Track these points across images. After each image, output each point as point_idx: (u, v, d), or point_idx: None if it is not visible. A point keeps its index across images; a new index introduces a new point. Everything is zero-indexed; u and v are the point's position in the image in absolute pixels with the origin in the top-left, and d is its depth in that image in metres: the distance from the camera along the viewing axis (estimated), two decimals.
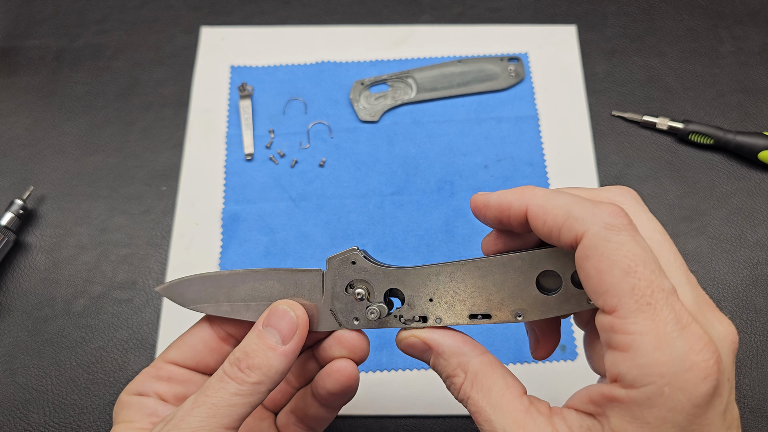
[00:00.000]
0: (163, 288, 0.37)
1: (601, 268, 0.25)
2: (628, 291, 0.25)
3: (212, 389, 0.31)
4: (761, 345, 0.50)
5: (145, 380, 0.36)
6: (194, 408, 0.31)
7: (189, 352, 0.37)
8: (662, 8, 0.64)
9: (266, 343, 0.33)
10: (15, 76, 0.62)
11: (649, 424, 0.24)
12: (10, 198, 0.56)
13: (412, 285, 0.33)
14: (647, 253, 0.25)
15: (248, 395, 0.31)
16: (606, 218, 0.26)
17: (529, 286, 0.31)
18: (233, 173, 0.57)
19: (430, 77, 0.60)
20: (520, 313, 0.31)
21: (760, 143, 0.55)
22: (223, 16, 0.64)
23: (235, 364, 0.32)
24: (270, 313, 0.34)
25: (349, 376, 0.35)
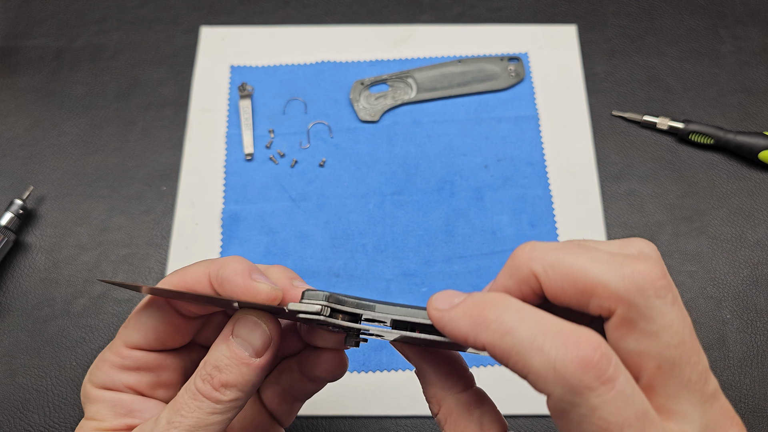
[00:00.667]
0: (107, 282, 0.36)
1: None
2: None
3: (187, 408, 0.30)
4: (762, 345, 0.50)
5: (111, 371, 0.33)
6: (170, 429, 0.29)
7: (151, 333, 0.34)
8: (662, 8, 0.64)
9: (239, 357, 0.31)
10: (15, 76, 0.62)
11: None
12: (9, 198, 0.56)
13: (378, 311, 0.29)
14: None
15: (225, 412, 0.30)
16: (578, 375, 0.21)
17: None
18: (233, 173, 0.57)
19: (430, 77, 0.60)
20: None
21: (761, 143, 0.55)
22: (223, 15, 0.64)
23: (208, 382, 0.30)
24: (238, 322, 0.31)
25: (338, 365, 0.35)
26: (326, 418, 0.48)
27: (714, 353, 0.50)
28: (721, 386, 0.49)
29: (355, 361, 0.49)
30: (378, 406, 0.48)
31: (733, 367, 0.49)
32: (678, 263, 0.53)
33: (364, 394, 0.49)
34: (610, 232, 0.54)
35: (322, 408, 0.48)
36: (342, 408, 0.48)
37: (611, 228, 0.54)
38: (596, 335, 0.22)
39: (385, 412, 0.48)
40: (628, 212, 0.55)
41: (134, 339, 0.33)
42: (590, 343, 0.21)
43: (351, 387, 0.49)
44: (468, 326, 0.24)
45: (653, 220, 0.55)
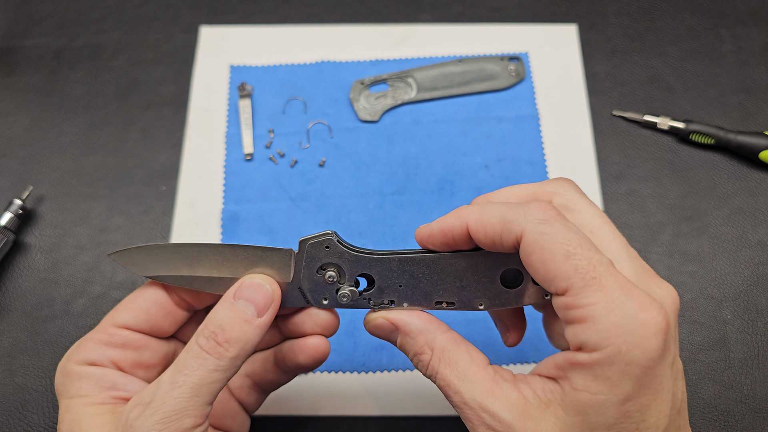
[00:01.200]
0: (116, 254, 0.36)
1: (544, 259, 0.28)
2: (572, 271, 0.27)
3: (190, 367, 0.31)
4: (763, 346, 0.50)
5: (96, 347, 0.34)
6: (174, 388, 0.30)
7: (142, 315, 0.35)
8: (663, 8, 0.64)
9: (241, 316, 0.33)
10: (14, 75, 0.62)
11: (609, 380, 0.27)
12: (9, 198, 0.56)
13: (382, 271, 0.34)
14: (580, 236, 0.28)
15: (226, 370, 0.32)
16: (537, 215, 0.29)
17: (493, 281, 0.33)
18: (233, 173, 0.56)
19: (431, 77, 0.60)
20: (482, 303, 0.34)
21: (762, 143, 0.55)
22: (222, 15, 0.64)
23: (211, 338, 0.32)
24: (243, 285, 0.34)
25: (322, 352, 0.37)
26: (327, 418, 0.48)
27: (715, 353, 0.50)
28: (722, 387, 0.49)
29: (356, 362, 0.49)
30: (378, 406, 0.48)
31: (734, 368, 0.49)
32: (679, 263, 0.53)
33: (364, 394, 0.48)
34: None
35: (322, 408, 0.48)
36: (342, 408, 0.48)
37: None
38: None
39: (385, 412, 0.48)
40: (628, 212, 0.55)
41: (123, 318, 0.35)
42: (544, 203, 0.30)
43: (351, 387, 0.49)
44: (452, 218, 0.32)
45: (654, 220, 0.55)
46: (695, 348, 0.50)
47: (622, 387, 0.27)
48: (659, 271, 0.53)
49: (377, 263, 0.34)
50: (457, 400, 0.31)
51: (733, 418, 0.48)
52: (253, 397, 0.40)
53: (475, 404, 0.30)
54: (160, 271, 0.35)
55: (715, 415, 0.48)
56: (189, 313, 0.38)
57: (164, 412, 0.30)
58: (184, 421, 0.30)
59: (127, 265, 0.36)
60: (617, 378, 0.27)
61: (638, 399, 0.27)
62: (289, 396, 0.48)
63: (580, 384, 0.28)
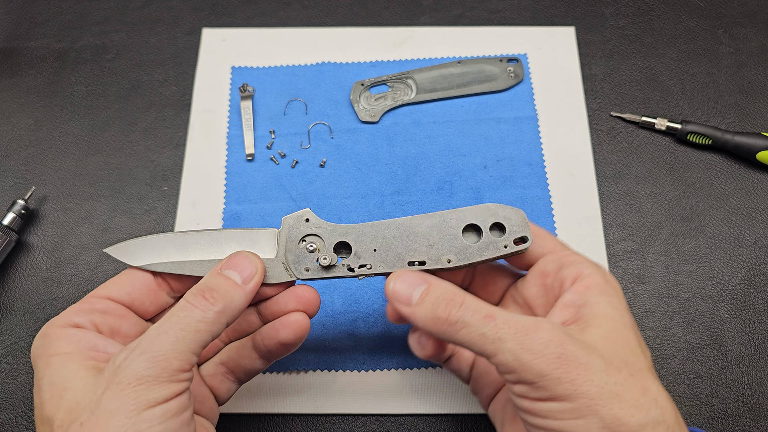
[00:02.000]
0: (112, 249, 0.38)
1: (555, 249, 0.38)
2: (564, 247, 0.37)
3: (176, 317, 0.32)
4: (759, 344, 0.50)
5: (77, 313, 0.35)
6: (161, 334, 0.31)
7: (126, 288, 0.37)
8: (660, 9, 0.65)
9: (230, 281, 0.34)
10: (17, 76, 0.62)
11: (611, 292, 0.34)
12: (12, 198, 0.56)
13: (358, 238, 0.37)
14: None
15: (211, 324, 0.33)
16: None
17: (456, 237, 0.37)
18: (234, 173, 0.57)
19: (430, 78, 0.60)
20: (449, 259, 0.37)
21: (759, 143, 0.55)
22: (224, 17, 0.65)
23: (199, 294, 0.33)
24: (230, 258, 0.36)
25: (304, 327, 0.38)
26: (327, 416, 0.49)
27: (711, 352, 0.50)
28: (719, 385, 0.50)
29: (356, 360, 0.50)
30: (378, 404, 0.48)
31: (730, 366, 0.50)
32: (676, 263, 0.53)
33: (365, 393, 0.49)
34: (608, 232, 0.55)
35: (323, 407, 0.48)
36: (343, 406, 0.49)
37: (609, 228, 0.55)
38: None
39: (385, 410, 0.48)
40: (626, 212, 0.55)
41: (106, 291, 0.36)
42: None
43: (351, 385, 0.49)
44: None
45: (651, 220, 0.55)
46: (692, 347, 0.50)
47: (620, 298, 0.35)
48: (657, 271, 0.53)
49: (352, 230, 0.38)
50: (504, 318, 0.31)
51: (730, 417, 0.48)
52: (225, 386, 0.40)
53: (527, 318, 0.32)
54: (153, 259, 0.37)
55: (712, 413, 0.48)
56: (171, 299, 0.39)
57: (152, 352, 0.30)
58: (171, 363, 0.30)
59: (122, 257, 0.38)
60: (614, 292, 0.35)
61: (630, 311, 0.35)
62: (290, 393, 0.49)
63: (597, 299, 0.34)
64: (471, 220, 0.37)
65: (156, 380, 0.30)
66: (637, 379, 0.30)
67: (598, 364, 0.30)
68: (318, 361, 0.50)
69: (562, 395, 0.29)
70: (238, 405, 0.48)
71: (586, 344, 0.31)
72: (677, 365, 0.50)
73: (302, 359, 0.49)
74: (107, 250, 0.38)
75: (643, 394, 0.30)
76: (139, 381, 0.30)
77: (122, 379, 0.30)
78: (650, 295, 0.52)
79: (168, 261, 0.37)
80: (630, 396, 0.29)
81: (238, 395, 0.48)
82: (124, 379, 0.30)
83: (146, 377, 0.30)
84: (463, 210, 0.38)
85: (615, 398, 0.29)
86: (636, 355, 0.32)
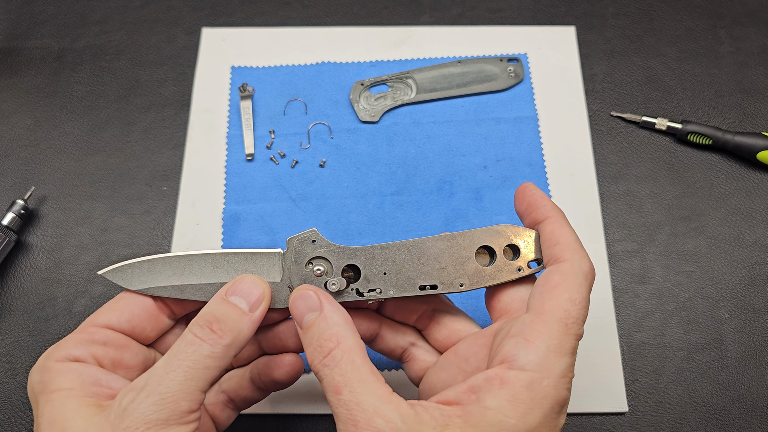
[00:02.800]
0: (106, 272, 0.36)
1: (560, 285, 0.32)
2: (561, 309, 0.31)
3: (184, 353, 0.31)
4: (759, 345, 0.50)
5: (77, 344, 0.33)
6: (169, 372, 0.30)
7: (125, 315, 0.35)
8: (661, 9, 0.64)
9: (236, 309, 0.33)
10: (16, 76, 0.62)
11: (524, 405, 0.29)
12: (11, 198, 0.56)
13: (367, 261, 0.36)
14: (587, 304, 0.33)
15: (220, 358, 0.31)
16: (586, 267, 0.33)
17: (469, 260, 0.36)
18: (234, 173, 0.57)
19: (430, 78, 0.60)
20: (462, 283, 0.36)
21: (759, 143, 0.55)
22: (223, 17, 0.64)
23: (206, 327, 0.32)
24: (235, 284, 0.34)
25: (298, 369, 0.38)
26: (327, 416, 0.49)
27: (711, 353, 0.50)
28: (719, 386, 0.50)
29: None
30: None
31: (730, 367, 0.50)
32: (676, 263, 0.53)
33: None
34: (608, 232, 0.54)
35: (323, 407, 0.48)
36: None
37: (609, 228, 0.55)
38: None
39: None
40: (626, 212, 0.55)
41: (105, 318, 0.35)
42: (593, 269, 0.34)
43: None
44: (547, 208, 0.36)
45: (651, 220, 0.55)
46: (692, 347, 0.50)
47: (531, 417, 0.29)
48: (657, 272, 0.53)
49: (361, 253, 0.36)
50: (348, 399, 0.30)
51: (730, 417, 0.48)
52: (226, 414, 0.40)
53: (370, 406, 0.29)
54: (151, 283, 0.36)
55: (712, 414, 0.48)
56: (171, 322, 0.38)
57: (160, 394, 0.29)
58: (180, 404, 0.29)
59: (119, 280, 0.36)
60: (530, 405, 0.29)
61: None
62: (290, 394, 0.49)
63: (494, 404, 0.29)
64: (484, 242, 0.36)
65: (165, 423, 0.29)
66: None
67: None
68: None
69: None
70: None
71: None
72: (677, 366, 0.50)
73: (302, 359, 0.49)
74: (103, 273, 0.36)
75: None
76: (147, 425, 0.29)
77: (130, 423, 0.28)
78: (650, 296, 0.52)
79: (167, 285, 0.36)
80: None
81: None
82: (132, 424, 0.28)
83: (155, 420, 0.29)
84: (476, 231, 0.36)
85: None
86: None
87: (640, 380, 0.49)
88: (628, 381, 0.49)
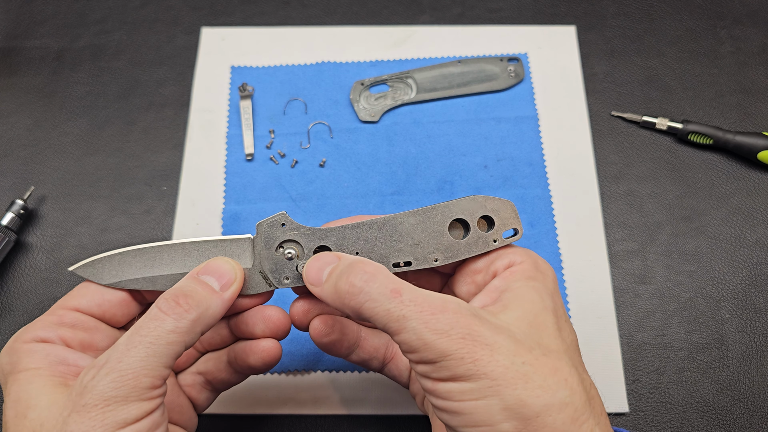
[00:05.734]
0: (77, 267, 0.35)
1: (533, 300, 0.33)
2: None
3: (147, 328, 0.30)
4: (760, 345, 0.50)
5: (45, 327, 0.33)
6: (130, 348, 0.29)
7: (96, 299, 0.35)
8: (661, 9, 0.64)
9: (206, 287, 0.33)
10: (16, 76, 0.62)
11: (538, 278, 0.33)
12: (11, 198, 0.56)
13: (339, 241, 0.35)
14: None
15: (185, 333, 0.31)
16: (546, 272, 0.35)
17: (443, 234, 0.35)
18: (234, 173, 0.57)
19: (430, 77, 0.60)
20: (436, 258, 0.35)
21: (760, 143, 0.55)
22: (223, 16, 0.64)
23: (172, 300, 0.31)
24: (208, 264, 0.34)
25: (274, 355, 0.37)
26: (327, 416, 0.48)
27: (713, 353, 0.50)
28: (720, 386, 0.50)
29: None
30: (379, 406, 0.48)
31: (732, 367, 0.49)
32: (677, 263, 0.53)
33: (366, 394, 0.49)
34: (609, 232, 0.54)
35: (323, 407, 0.48)
36: (343, 407, 0.48)
37: (610, 228, 0.55)
38: None
39: (386, 411, 0.48)
40: (627, 212, 0.55)
41: (75, 302, 0.34)
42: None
43: (352, 387, 0.49)
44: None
45: (652, 220, 0.55)
46: (693, 347, 0.50)
47: (547, 283, 0.34)
48: (658, 271, 0.53)
49: (332, 234, 0.35)
50: (411, 295, 0.30)
51: (731, 417, 0.48)
52: (204, 396, 0.40)
53: (435, 296, 0.30)
54: (123, 276, 0.35)
55: (714, 414, 0.48)
56: (142, 306, 0.37)
57: (120, 371, 0.29)
58: (141, 381, 0.29)
59: (90, 276, 0.35)
60: (542, 277, 0.34)
61: (557, 296, 0.34)
62: (290, 394, 0.49)
63: (518, 284, 0.33)
64: (457, 215, 0.35)
65: (124, 400, 0.28)
66: (549, 359, 0.29)
67: (506, 344, 0.29)
68: (319, 362, 0.49)
69: (463, 375, 0.28)
70: (237, 406, 0.48)
71: (496, 325, 0.30)
72: (678, 366, 0.50)
73: (303, 360, 0.49)
74: (73, 269, 0.35)
75: (553, 374, 0.29)
76: (106, 402, 0.28)
77: (89, 400, 0.28)
78: (651, 296, 0.52)
79: (139, 277, 0.35)
80: (538, 377, 0.28)
81: (236, 396, 0.48)
82: (90, 401, 0.28)
83: (114, 398, 0.28)
84: (449, 204, 0.35)
85: (520, 379, 0.28)
86: (552, 337, 0.31)
87: (641, 380, 0.49)
88: (629, 381, 0.49)
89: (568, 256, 0.53)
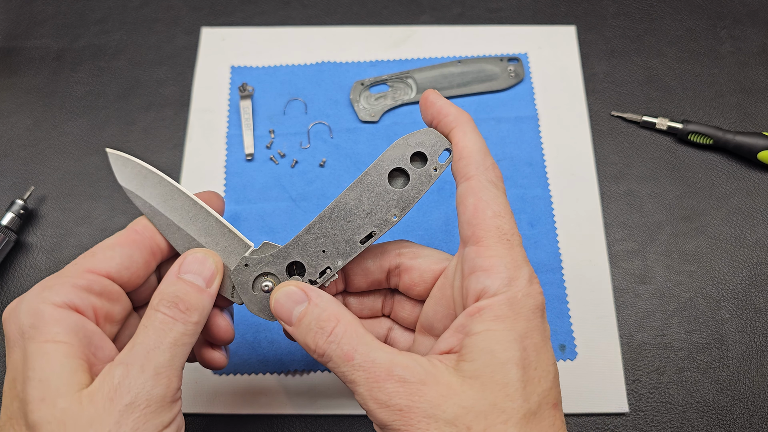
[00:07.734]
0: (114, 153, 0.36)
1: (478, 205, 0.32)
2: (493, 228, 0.32)
3: (163, 331, 0.31)
4: (760, 345, 0.50)
5: (76, 291, 0.31)
6: (155, 348, 0.30)
7: (127, 262, 0.33)
8: (661, 9, 0.64)
9: (195, 287, 0.33)
10: (16, 76, 0.62)
11: (508, 318, 0.30)
12: (11, 198, 0.56)
13: (302, 250, 0.36)
14: (510, 210, 0.33)
15: (192, 336, 0.32)
16: (493, 175, 0.33)
17: (387, 192, 0.35)
18: (234, 173, 0.57)
19: (430, 77, 0.60)
20: (394, 214, 0.36)
21: (760, 143, 0.55)
22: (223, 16, 0.64)
23: (173, 307, 0.32)
24: (186, 261, 0.34)
25: (220, 364, 0.38)
26: (327, 417, 0.48)
27: (713, 353, 0.50)
28: (720, 386, 0.50)
29: None
30: None
31: (732, 367, 0.49)
32: (677, 263, 0.53)
33: None
34: (609, 232, 0.54)
35: (323, 407, 0.48)
36: (343, 407, 0.48)
37: (610, 228, 0.55)
38: None
39: None
40: (627, 212, 0.55)
41: (104, 266, 0.33)
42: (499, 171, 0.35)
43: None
44: (453, 115, 0.35)
45: (652, 220, 0.55)
46: (693, 347, 0.50)
47: (518, 325, 0.30)
48: (658, 272, 0.53)
49: (292, 247, 0.36)
50: (362, 361, 0.30)
51: (732, 417, 0.48)
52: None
53: (385, 360, 0.30)
54: (142, 193, 0.36)
55: (714, 414, 0.48)
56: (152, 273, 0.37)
57: (155, 368, 0.29)
58: (173, 381, 0.30)
59: (118, 170, 0.36)
60: (514, 317, 0.30)
61: (531, 338, 0.30)
62: (290, 394, 0.49)
63: (481, 327, 0.30)
64: (391, 167, 0.36)
65: (162, 401, 0.29)
66: (502, 427, 0.28)
67: (448, 415, 0.28)
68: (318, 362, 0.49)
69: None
70: (238, 406, 0.48)
71: (445, 388, 0.29)
72: (678, 366, 0.50)
73: (302, 360, 0.49)
74: (110, 152, 0.36)
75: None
76: (148, 402, 0.28)
77: (130, 399, 0.28)
78: (651, 296, 0.52)
79: (153, 204, 0.35)
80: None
81: (236, 396, 0.48)
82: (137, 400, 0.28)
83: (156, 396, 0.28)
84: (376, 162, 0.36)
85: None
86: (511, 398, 0.29)
87: (641, 380, 0.49)
88: (629, 381, 0.49)
89: (568, 256, 0.53)
